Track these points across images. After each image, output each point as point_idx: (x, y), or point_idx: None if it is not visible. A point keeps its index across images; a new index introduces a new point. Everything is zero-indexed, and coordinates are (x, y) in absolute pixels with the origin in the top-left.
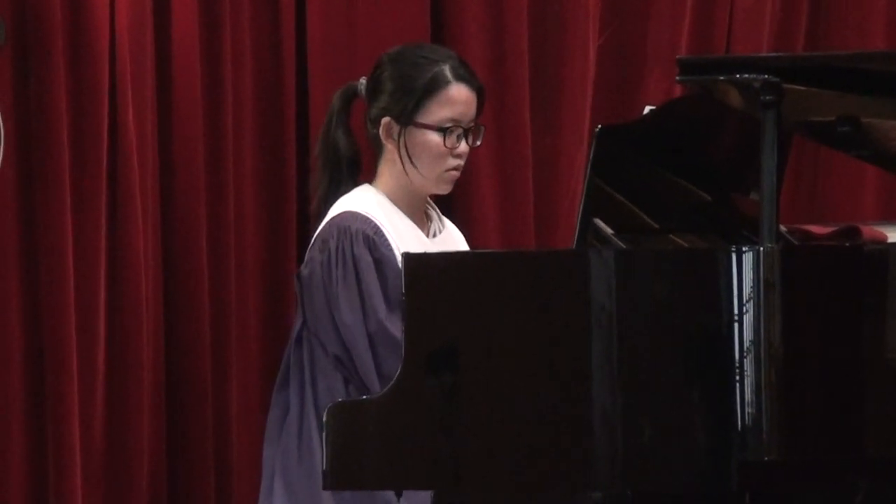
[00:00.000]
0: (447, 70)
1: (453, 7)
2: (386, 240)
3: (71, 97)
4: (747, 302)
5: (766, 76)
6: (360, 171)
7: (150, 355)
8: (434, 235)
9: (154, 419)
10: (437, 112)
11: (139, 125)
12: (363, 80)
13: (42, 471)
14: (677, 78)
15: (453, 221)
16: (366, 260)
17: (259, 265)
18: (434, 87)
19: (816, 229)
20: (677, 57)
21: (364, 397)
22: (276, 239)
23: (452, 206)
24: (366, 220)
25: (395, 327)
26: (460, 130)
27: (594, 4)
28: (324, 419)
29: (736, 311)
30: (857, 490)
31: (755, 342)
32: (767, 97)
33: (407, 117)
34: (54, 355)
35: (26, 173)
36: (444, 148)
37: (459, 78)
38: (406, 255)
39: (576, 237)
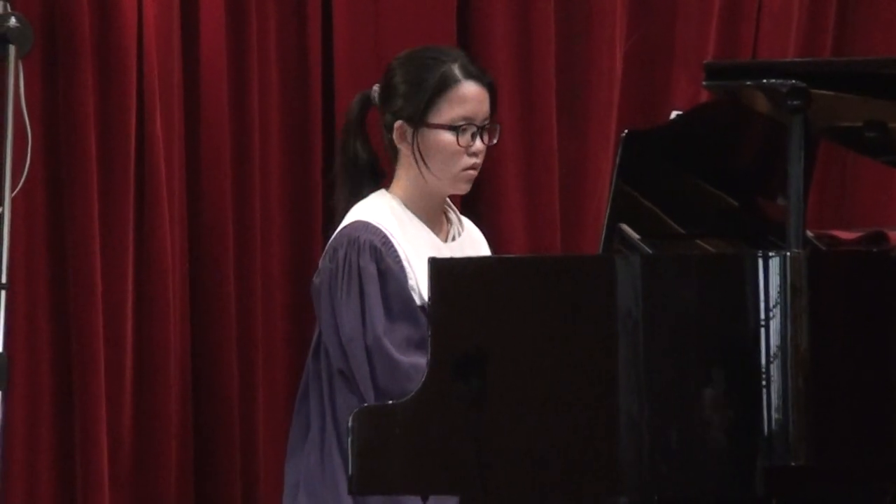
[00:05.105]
0: (456, 68)
1: (480, 10)
2: (394, 250)
3: (99, 102)
4: (774, 307)
5: (794, 81)
6: (380, 178)
7: (176, 359)
8: (452, 239)
9: (181, 425)
10: (449, 111)
11: (166, 129)
12: (376, 88)
13: (70, 479)
14: (704, 83)
15: (479, 226)
16: (370, 272)
17: (285, 268)
18: (444, 86)
19: (843, 234)
20: (704, 62)
21: (390, 402)
22: (303, 242)
23: (478, 211)
24: (375, 231)
25: (394, 342)
26: (474, 129)
27: (621, 8)
28: (349, 424)
29: (762, 317)
30: (885, 494)
31: (782, 347)
32: (794, 102)
33: (419, 118)
34: (82, 359)
35: (54, 177)
36: (457, 147)
37: (469, 75)
38: (432, 261)
39: (602, 242)
